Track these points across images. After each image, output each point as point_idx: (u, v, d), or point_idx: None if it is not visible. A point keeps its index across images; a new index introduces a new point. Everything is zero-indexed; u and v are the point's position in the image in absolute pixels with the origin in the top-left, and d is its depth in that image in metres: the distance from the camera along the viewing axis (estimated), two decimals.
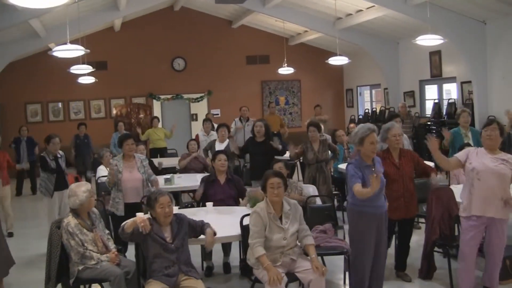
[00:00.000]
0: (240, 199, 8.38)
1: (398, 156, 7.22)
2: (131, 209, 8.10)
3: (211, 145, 12.21)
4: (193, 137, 15.48)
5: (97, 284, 6.41)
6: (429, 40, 12.83)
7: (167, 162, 13.23)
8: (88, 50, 11.14)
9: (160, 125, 17.15)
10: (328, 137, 11.76)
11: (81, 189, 6.49)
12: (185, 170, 11.87)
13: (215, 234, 6.21)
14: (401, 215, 7.23)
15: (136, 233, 5.92)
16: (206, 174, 10.49)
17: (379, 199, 6.35)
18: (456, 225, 7.29)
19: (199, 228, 6.23)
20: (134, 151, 8.70)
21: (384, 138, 7.26)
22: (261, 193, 6.40)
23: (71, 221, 6.33)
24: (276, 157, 10.14)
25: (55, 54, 11.22)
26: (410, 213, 7.36)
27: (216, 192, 8.34)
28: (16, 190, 15.85)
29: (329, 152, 10.60)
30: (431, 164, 11.39)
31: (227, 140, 12.01)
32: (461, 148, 8.91)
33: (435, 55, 16.50)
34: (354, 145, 6.64)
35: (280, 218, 6.12)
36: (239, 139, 14.23)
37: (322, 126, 11.14)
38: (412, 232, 7.65)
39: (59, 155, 10.25)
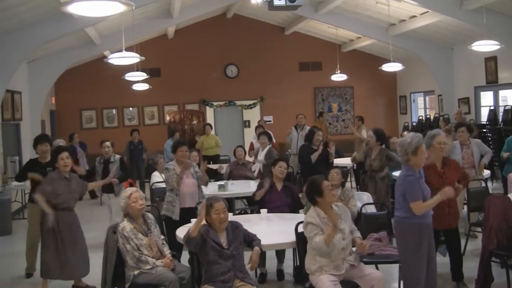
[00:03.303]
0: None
1: (441, 165, 7.09)
2: (186, 214, 8.16)
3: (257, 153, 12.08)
4: (247, 144, 15.50)
5: None
6: (485, 46, 12.62)
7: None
8: (143, 57, 11.23)
9: (212, 132, 17.20)
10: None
11: (122, 195, 6.62)
12: (232, 177, 11.83)
13: (261, 252, 6.24)
14: (445, 225, 7.11)
15: (200, 237, 5.96)
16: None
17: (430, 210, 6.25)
18: None
19: (251, 241, 6.23)
20: (187, 158, 8.75)
21: (428, 145, 7.07)
22: None
23: (126, 225, 6.40)
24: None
25: (110, 61, 11.34)
26: (454, 223, 7.22)
27: (272, 199, 8.36)
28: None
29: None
30: (487, 172, 11.26)
31: (268, 147, 11.94)
32: None
33: (491, 61, 16.21)
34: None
35: None
36: (293, 146, 14.30)
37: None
38: (460, 240, 7.53)
39: (111, 160, 10.45)
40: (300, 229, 6.30)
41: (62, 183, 7.83)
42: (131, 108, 21.06)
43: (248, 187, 10.56)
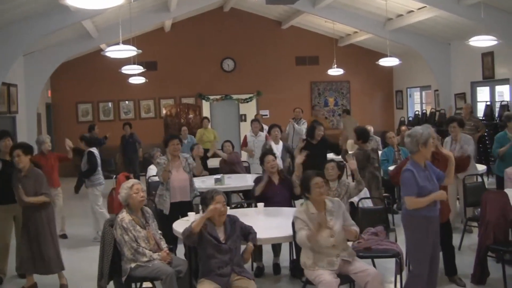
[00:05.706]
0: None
1: (431, 159, 7.01)
2: (177, 208, 8.17)
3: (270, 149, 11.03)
4: (242, 138, 15.46)
5: (148, 282, 6.45)
6: (483, 41, 12.60)
7: (216, 162, 13.25)
8: (141, 51, 11.21)
9: (209, 126, 17.15)
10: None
11: (124, 186, 6.64)
12: (224, 173, 11.69)
13: (254, 247, 6.26)
14: None
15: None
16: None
17: (436, 202, 6.13)
18: (510, 230, 7.15)
19: (247, 234, 6.26)
20: (178, 152, 8.70)
21: None
22: None
23: (125, 217, 6.41)
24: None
25: (108, 54, 11.35)
26: (445, 217, 7.15)
27: (273, 194, 8.32)
28: (75, 189, 16.29)
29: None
30: (483, 167, 11.30)
31: (281, 142, 11.95)
32: None
33: (488, 56, 16.18)
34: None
35: None
36: (289, 140, 14.24)
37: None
38: (451, 235, 7.54)
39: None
40: None
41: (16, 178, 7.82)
42: (127, 102, 21.01)
43: (245, 181, 10.55)
